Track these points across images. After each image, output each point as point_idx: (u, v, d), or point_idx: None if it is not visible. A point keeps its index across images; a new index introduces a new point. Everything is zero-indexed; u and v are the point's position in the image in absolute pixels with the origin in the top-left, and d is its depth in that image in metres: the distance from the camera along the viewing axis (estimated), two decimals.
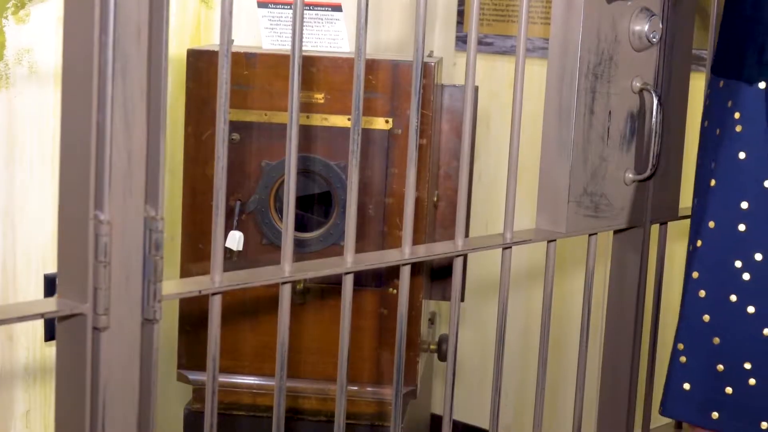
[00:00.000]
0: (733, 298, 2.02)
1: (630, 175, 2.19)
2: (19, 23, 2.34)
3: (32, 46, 2.37)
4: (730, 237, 2.01)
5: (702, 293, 2.05)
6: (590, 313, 2.22)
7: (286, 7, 2.46)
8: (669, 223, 2.36)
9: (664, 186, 2.26)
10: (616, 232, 2.27)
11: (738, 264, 2.01)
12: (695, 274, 2.05)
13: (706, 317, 2.05)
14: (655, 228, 2.31)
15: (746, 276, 2.01)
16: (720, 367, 2.03)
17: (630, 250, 2.27)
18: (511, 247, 2.07)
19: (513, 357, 3.15)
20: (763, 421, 2.01)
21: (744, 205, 2.00)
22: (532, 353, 3.10)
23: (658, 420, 2.99)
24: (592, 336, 2.62)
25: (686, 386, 2.09)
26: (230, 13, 1.66)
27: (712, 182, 2.02)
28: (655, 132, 2.16)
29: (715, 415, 2.04)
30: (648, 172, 2.18)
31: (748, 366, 2.01)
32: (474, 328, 3.30)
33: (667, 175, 2.25)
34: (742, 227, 2.00)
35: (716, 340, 2.04)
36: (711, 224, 2.02)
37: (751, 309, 2.00)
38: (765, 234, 2.00)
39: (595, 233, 2.19)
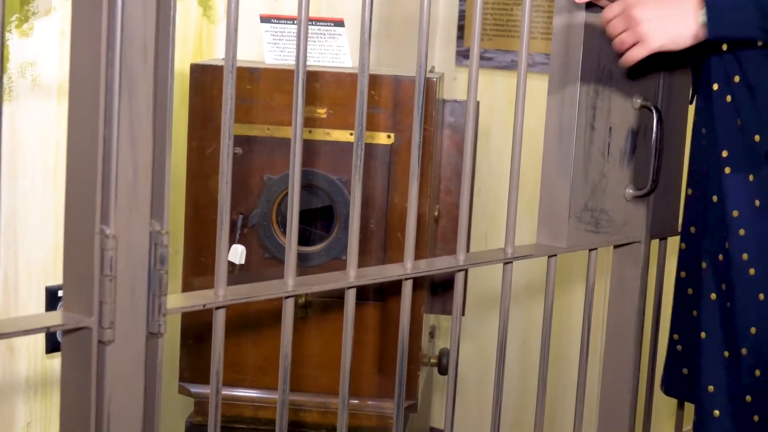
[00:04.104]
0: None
1: (630, 191, 2.20)
2: (22, 37, 2.35)
3: (35, 60, 2.37)
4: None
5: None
6: (590, 328, 2.23)
7: (288, 22, 2.47)
8: (669, 239, 2.37)
9: (664, 202, 2.27)
10: (616, 247, 2.28)
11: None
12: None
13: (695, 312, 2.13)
14: (655, 243, 2.32)
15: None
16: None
17: (630, 266, 2.28)
18: (512, 262, 2.08)
19: (512, 371, 3.15)
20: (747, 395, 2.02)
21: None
22: (531, 367, 3.11)
23: None
24: (592, 351, 2.63)
25: (685, 371, 2.18)
26: (235, 29, 1.66)
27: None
28: (656, 148, 2.17)
29: (710, 388, 2.06)
30: (648, 188, 2.19)
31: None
32: (473, 342, 3.31)
33: (666, 191, 2.26)
34: None
35: (703, 334, 2.07)
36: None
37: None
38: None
39: (596, 248, 2.20)
